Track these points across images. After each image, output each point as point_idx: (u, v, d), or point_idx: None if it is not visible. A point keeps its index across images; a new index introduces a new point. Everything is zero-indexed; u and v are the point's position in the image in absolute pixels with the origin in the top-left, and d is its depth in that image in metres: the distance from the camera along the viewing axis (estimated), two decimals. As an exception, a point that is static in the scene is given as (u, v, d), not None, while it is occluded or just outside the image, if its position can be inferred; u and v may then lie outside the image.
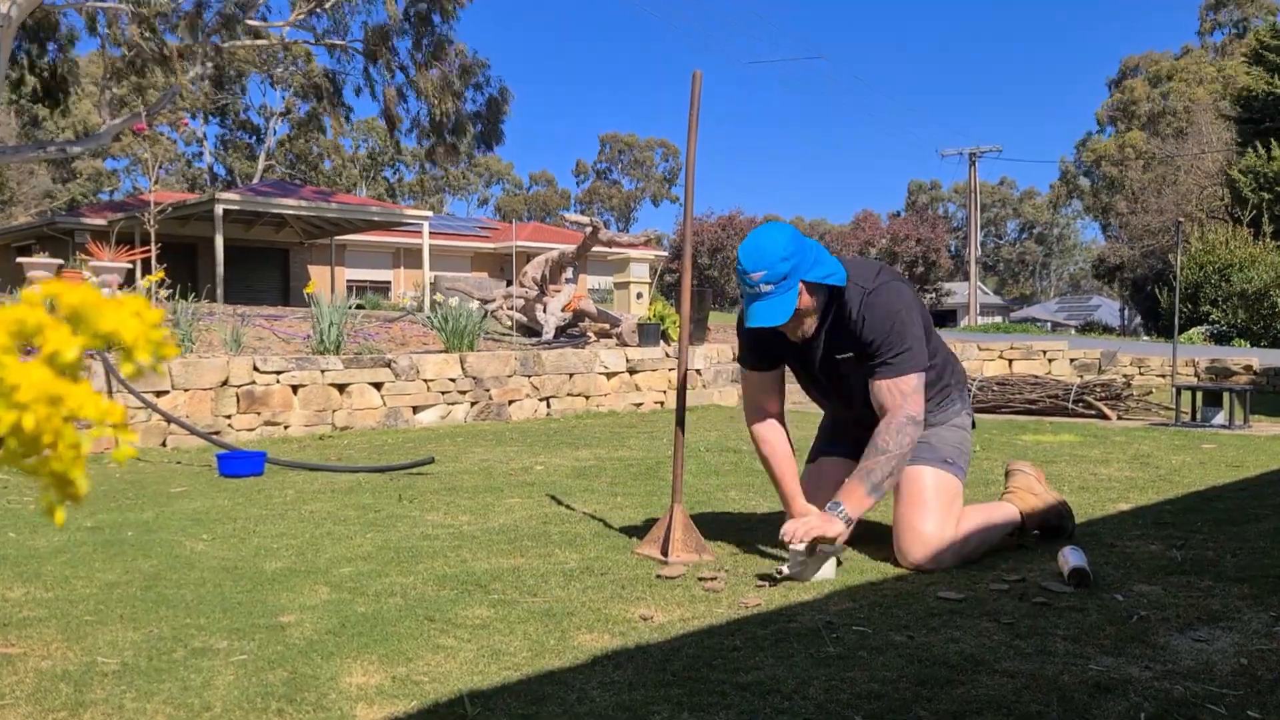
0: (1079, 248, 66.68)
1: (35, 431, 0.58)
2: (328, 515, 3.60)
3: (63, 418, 0.59)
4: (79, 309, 0.62)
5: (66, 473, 0.60)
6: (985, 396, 8.02)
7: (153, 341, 0.63)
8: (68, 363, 0.60)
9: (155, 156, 14.87)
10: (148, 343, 0.63)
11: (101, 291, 0.64)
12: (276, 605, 2.41)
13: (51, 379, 0.58)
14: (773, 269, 2.58)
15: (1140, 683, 1.84)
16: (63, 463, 0.60)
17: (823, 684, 1.84)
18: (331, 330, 7.08)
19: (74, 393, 0.59)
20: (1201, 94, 40.27)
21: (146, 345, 0.63)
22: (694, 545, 2.89)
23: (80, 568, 2.81)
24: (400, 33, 17.85)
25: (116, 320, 0.62)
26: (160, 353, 0.64)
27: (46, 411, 0.58)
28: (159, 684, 1.87)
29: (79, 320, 0.62)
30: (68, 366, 0.60)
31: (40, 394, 0.58)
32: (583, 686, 1.84)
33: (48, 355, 0.59)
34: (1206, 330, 20.96)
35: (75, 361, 0.60)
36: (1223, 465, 4.82)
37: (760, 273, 2.59)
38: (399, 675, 1.91)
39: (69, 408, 0.59)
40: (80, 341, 0.61)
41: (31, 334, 0.60)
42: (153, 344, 0.63)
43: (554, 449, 5.56)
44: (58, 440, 0.59)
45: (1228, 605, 2.35)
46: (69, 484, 0.61)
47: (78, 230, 20.38)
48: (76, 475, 0.61)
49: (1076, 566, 2.54)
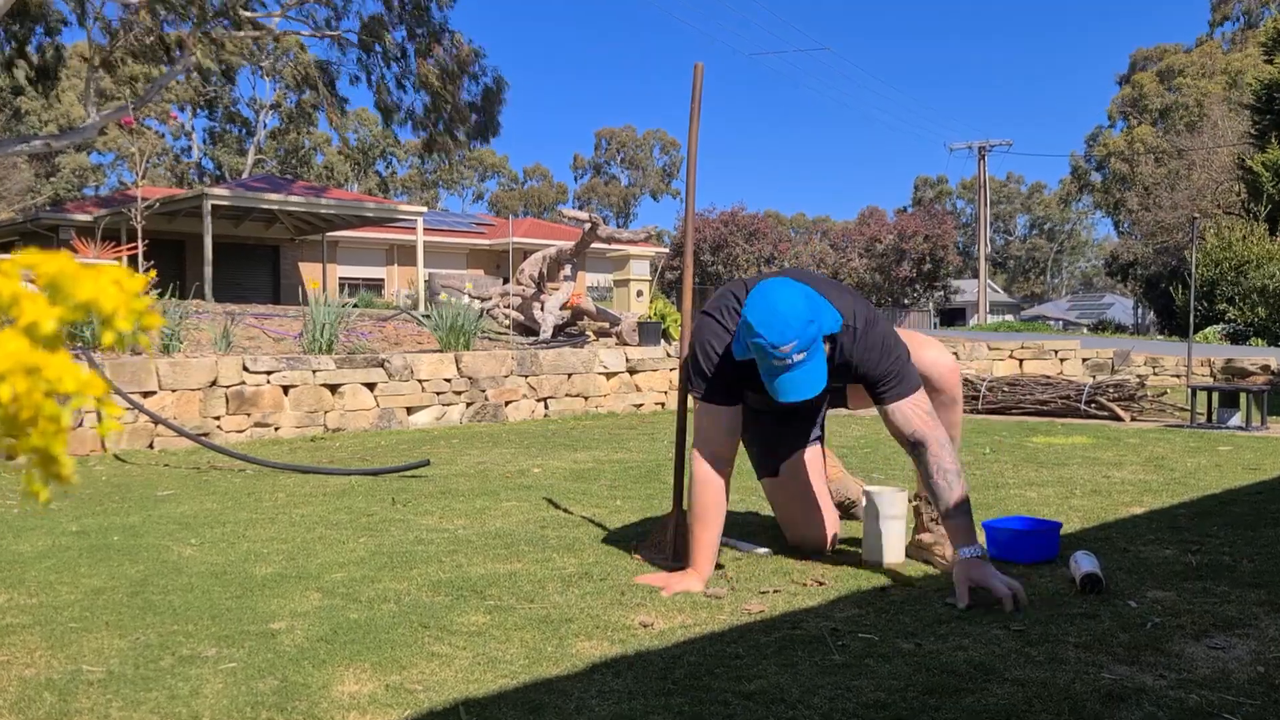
0: (1091, 244, 66.70)
1: (13, 405, 0.57)
2: (319, 519, 3.60)
3: (42, 390, 0.58)
4: (56, 279, 0.61)
5: (48, 448, 0.59)
6: (995, 397, 8.03)
7: (134, 311, 0.62)
8: (46, 334, 0.59)
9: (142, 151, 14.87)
10: (129, 312, 0.62)
11: None
12: (267, 612, 2.41)
13: (29, 349, 0.57)
14: (802, 336, 2.44)
15: (1155, 692, 1.84)
16: (44, 437, 0.59)
17: (828, 693, 1.84)
18: (324, 329, 7.08)
19: (52, 364, 0.58)
20: (1213, 87, 40.31)
21: (128, 314, 0.62)
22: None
23: (65, 573, 2.80)
24: (395, 23, 17.86)
25: (95, 289, 0.61)
26: (143, 322, 0.63)
27: (24, 383, 0.57)
28: (146, 693, 1.87)
29: (57, 290, 0.61)
30: (46, 338, 0.59)
31: (16, 364, 0.57)
32: (581, 695, 1.84)
33: (25, 326, 0.59)
34: (1223, 329, 20.96)
35: (54, 332, 0.59)
36: (1239, 468, 4.82)
37: (791, 344, 2.43)
38: (392, 684, 1.91)
39: (47, 379, 0.58)
40: (58, 312, 0.60)
41: (7, 305, 0.59)
42: (134, 313, 0.62)
43: (552, 451, 5.56)
44: (37, 414, 0.58)
45: (1244, 612, 2.35)
46: (52, 460, 0.60)
47: (62, 226, 20.37)
48: (59, 450, 0.60)
49: (1089, 572, 2.54)
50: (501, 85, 18.83)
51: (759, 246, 42.04)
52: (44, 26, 16.89)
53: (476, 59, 18.48)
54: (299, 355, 6.78)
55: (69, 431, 0.62)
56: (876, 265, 42.39)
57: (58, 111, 35.49)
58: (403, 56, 18.01)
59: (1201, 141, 34.01)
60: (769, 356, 2.45)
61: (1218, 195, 29.88)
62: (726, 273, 40.93)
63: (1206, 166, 32.40)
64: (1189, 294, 15.43)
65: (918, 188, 65.81)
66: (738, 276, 40.78)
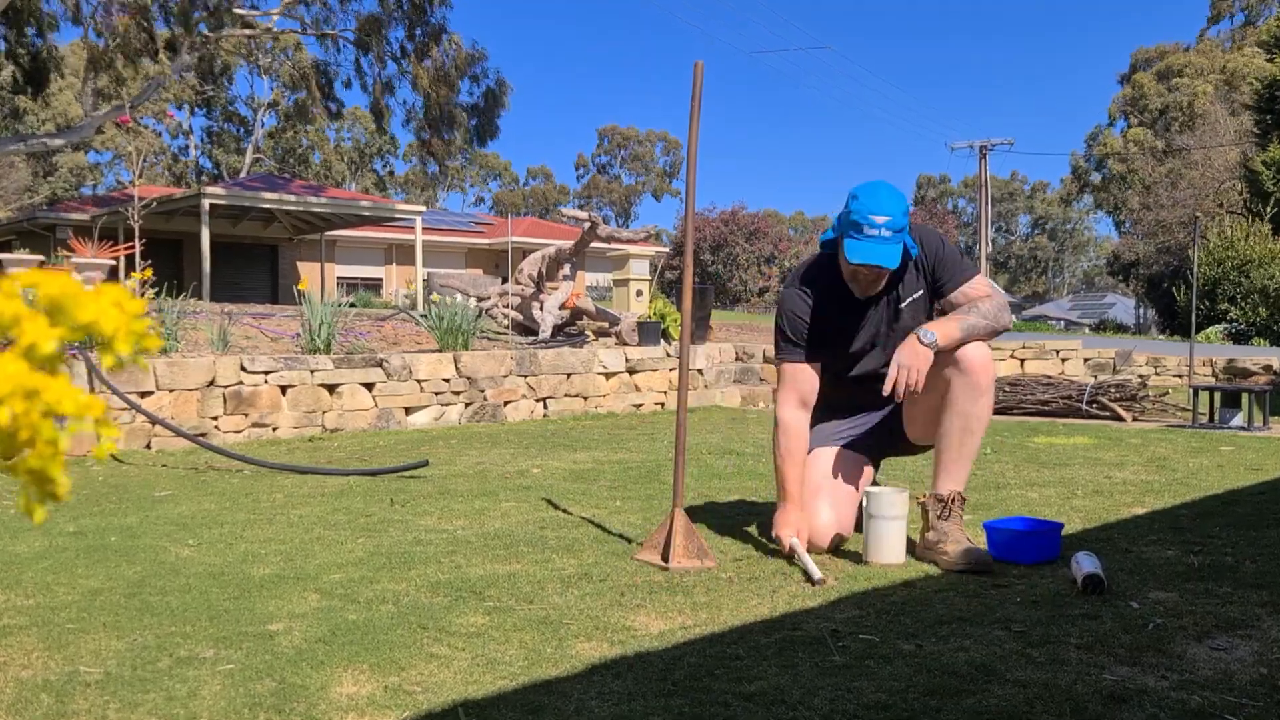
0: (1092, 243, 66.72)
1: (11, 427, 0.57)
2: (317, 520, 3.60)
3: (40, 412, 0.58)
4: (58, 299, 0.61)
5: (45, 470, 0.60)
6: (996, 397, 8.01)
7: (134, 333, 0.63)
8: (46, 355, 0.59)
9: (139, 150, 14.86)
10: (129, 334, 0.62)
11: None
12: (264, 613, 2.41)
13: (28, 372, 0.58)
14: (896, 219, 2.82)
15: (1156, 693, 1.84)
16: (41, 459, 0.59)
17: (829, 694, 1.84)
18: (322, 329, 7.08)
19: (52, 386, 0.58)
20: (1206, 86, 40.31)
21: (128, 337, 0.62)
22: (695, 551, 2.89)
23: (62, 574, 2.80)
24: (392, 22, 17.85)
25: (96, 310, 0.61)
26: (143, 345, 0.63)
27: (23, 406, 0.57)
28: (143, 694, 1.87)
29: (58, 311, 0.61)
30: (46, 359, 0.59)
31: (16, 387, 0.57)
32: (581, 697, 1.84)
33: (24, 347, 0.59)
34: (1224, 329, 20.96)
35: (54, 354, 0.59)
36: (1241, 468, 4.82)
37: (885, 218, 2.80)
38: (391, 685, 1.91)
39: (46, 402, 0.58)
40: (59, 333, 0.60)
41: (8, 325, 0.59)
42: (134, 335, 0.63)
43: (551, 451, 5.56)
44: (35, 437, 0.58)
45: (1247, 612, 2.35)
46: (48, 482, 0.60)
47: (59, 226, 20.38)
48: (55, 473, 0.60)
49: (1090, 573, 2.54)
50: (504, 88, 18.84)
51: (759, 246, 42.05)
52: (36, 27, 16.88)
53: (477, 60, 18.48)
54: (297, 355, 6.78)
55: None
56: (877, 265, 42.31)
57: (55, 110, 35.48)
58: (402, 56, 18.01)
59: (1200, 140, 34.01)
60: (860, 223, 2.81)
61: (1220, 194, 29.89)
62: (726, 272, 40.93)
63: (1207, 165, 32.39)
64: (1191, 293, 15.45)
65: (920, 186, 65.83)
66: (738, 276, 40.92)
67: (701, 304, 10.03)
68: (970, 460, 2.95)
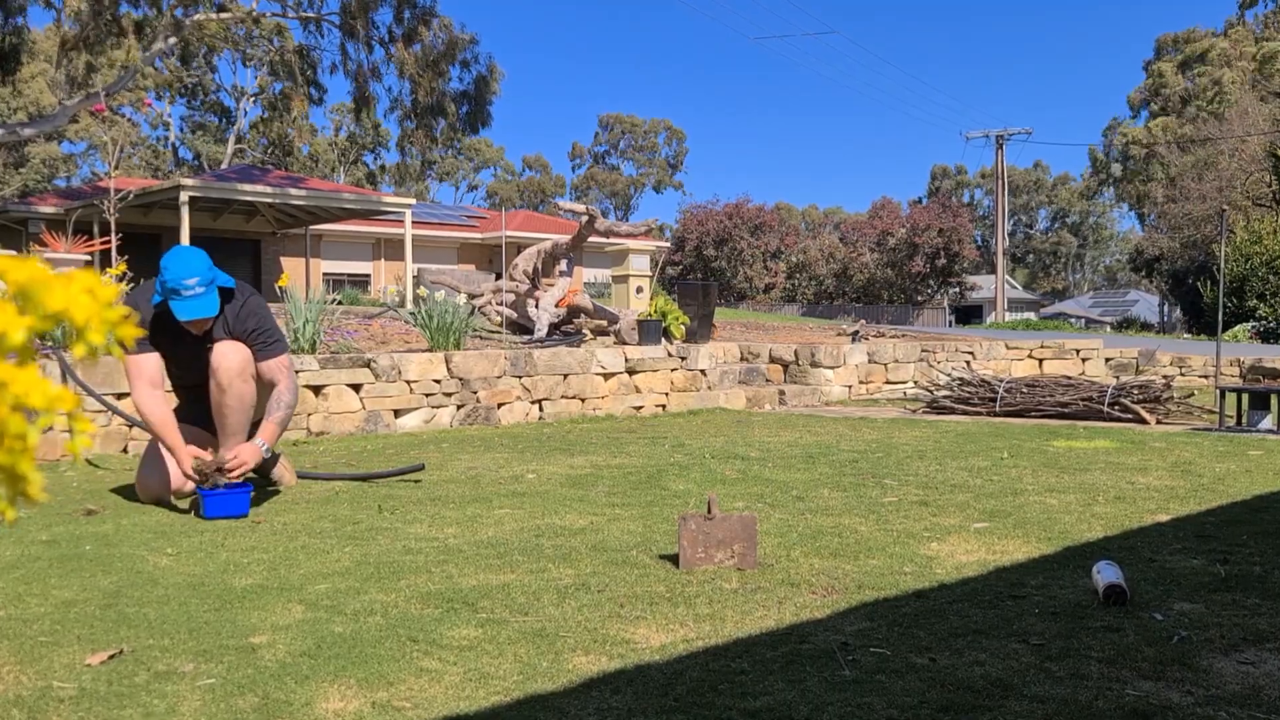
0: (1115, 238, 66.72)
1: None
2: (302, 528, 3.60)
3: (8, 405, 0.58)
4: (26, 287, 0.61)
5: (15, 466, 0.59)
6: (1013, 399, 8.03)
7: (107, 321, 0.62)
8: (14, 345, 0.59)
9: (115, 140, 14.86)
10: (102, 322, 0.62)
11: None
12: (247, 625, 2.41)
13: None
14: (202, 276, 3.94)
15: (1181, 709, 1.84)
16: (10, 454, 0.59)
17: (837, 710, 1.85)
18: (306, 327, 7.08)
19: (20, 378, 0.58)
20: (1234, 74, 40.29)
21: (101, 325, 0.62)
22: (700, 557, 2.89)
23: (35, 584, 2.81)
24: (379, 4, 17.84)
25: (67, 298, 0.61)
26: (117, 334, 0.63)
27: None
28: (120, 710, 1.87)
29: (27, 299, 0.60)
30: (15, 349, 0.59)
31: None
32: (578, 713, 1.84)
33: None
34: (1253, 327, 20.96)
35: (22, 344, 0.59)
36: (1270, 473, 4.82)
37: (194, 279, 3.91)
38: (379, 700, 1.91)
39: (14, 394, 0.58)
40: (28, 322, 0.60)
41: None
42: (107, 324, 0.62)
43: (547, 456, 5.56)
44: (2, 431, 0.58)
45: (1276, 625, 2.35)
46: (19, 479, 0.60)
47: (31, 219, 20.37)
48: (26, 468, 0.60)
49: (1112, 583, 2.54)
50: (495, 74, 18.85)
51: (765, 240, 42.09)
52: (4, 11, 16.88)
53: (467, 45, 18.47)
54: (281, 355, 6.78)
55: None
56: (888, 260, 42.41)
57: (27, 99, 35.48)
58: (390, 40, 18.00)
59: (1228, 129, 34.01)
60: (177, 288, 3.87)
61: (1247, 186, 29.89)
62: (730, 267, 40.97)
63: (1235, 154, 32.38)
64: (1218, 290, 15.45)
65: (935, 177, 65.83)
66: (743, 271, 40.97)
67: (705, 301, 10.02)
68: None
